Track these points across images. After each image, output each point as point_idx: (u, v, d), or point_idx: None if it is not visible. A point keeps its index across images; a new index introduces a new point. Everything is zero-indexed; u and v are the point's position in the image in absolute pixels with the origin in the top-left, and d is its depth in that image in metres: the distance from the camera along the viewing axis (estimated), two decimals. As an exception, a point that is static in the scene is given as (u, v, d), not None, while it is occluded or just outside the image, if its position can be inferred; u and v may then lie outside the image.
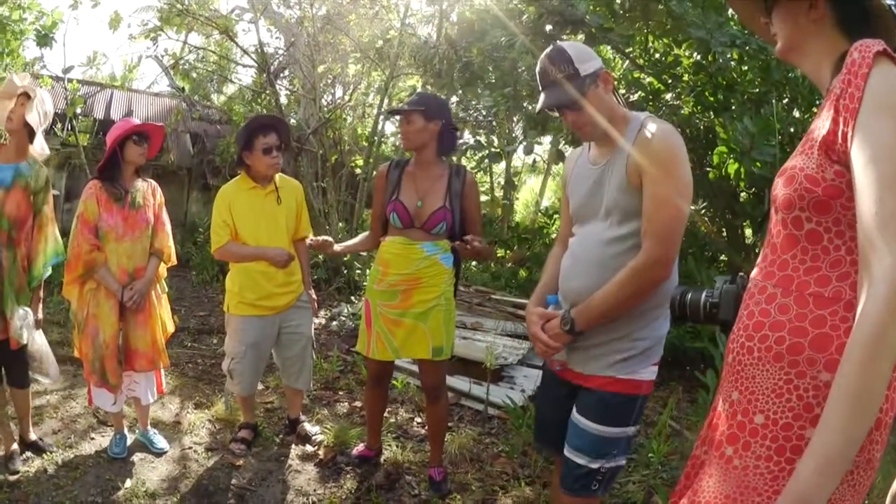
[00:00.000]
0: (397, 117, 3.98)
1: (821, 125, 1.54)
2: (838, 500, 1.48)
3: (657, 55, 7.24)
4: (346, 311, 8.52)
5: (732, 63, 6.23)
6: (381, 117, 11.92)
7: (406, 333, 3.89)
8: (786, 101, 6.42)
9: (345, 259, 10.32)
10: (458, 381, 5.87)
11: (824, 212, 1.51)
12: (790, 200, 1.56)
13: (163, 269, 4.30)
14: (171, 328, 4.41)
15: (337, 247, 4.09)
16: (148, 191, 4.20)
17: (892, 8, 1.65)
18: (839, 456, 1.30)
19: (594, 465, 2.62)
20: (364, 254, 10.24)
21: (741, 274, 1.97)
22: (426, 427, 4.66)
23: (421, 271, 3.82)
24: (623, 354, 2.61)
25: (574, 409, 2.72)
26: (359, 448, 4.49)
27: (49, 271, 4.03)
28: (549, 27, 7.01)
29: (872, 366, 1.28)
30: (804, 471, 1.33)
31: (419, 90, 9.96)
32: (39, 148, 4.02)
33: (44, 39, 10.35)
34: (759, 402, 1.58)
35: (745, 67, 6.33)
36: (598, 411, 2.63)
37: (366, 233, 4.29)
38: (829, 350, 1.48)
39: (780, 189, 1.62)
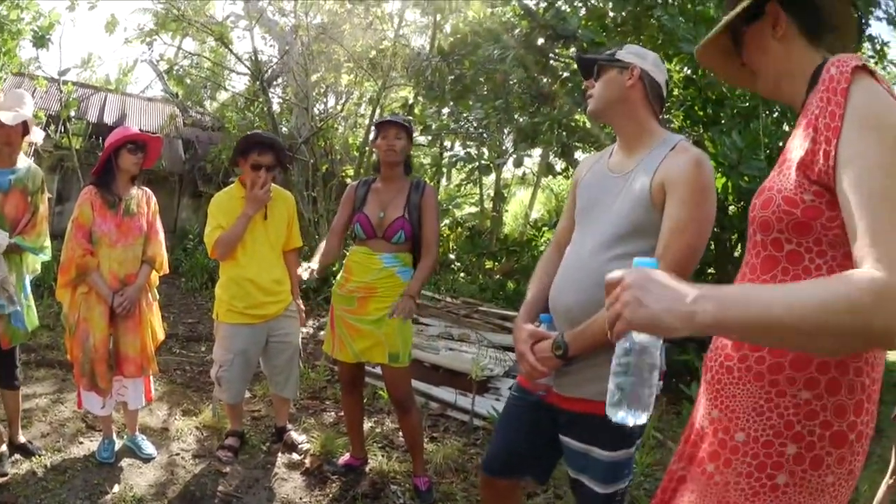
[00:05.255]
0: (376, 132, 4.08)
1: (798, 144, 1.50)
2: None
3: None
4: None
5: (723, 78, 6.27)
6: (373, 127, 11.93)
7: (364, 339, 4.02)
8: (776, 115, 6.47)
9: (333, 269, 10.35)
10: (444, 392, 5.91)
11: (805, 233, 1.46)
12: (768, 222, 1.52)
13: (155, 277, 4.33)
14: (161, 336, 4.43)
15: (315, 265, 4.05)
16: (142, 199, 4.24)
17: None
18: (741, 313, 1.24)
19: (610, 491, 2.49)
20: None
21: None
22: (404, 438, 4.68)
23: (377, 281, 3.97)
24: None
25: (572, 438, 2.53)
26: (345, 457, 4.52)
27: (38, 265, 4.14)
28: (541, 41, 7.08)
29: (816, 313, 1.17)
30: (706, 294, 1.27)
31: (411, 102, 10.01)
32: (36, 137, 4.11)
33: (40, 40, 10.37)
34: (740, 420, 1.55)
35: (735, 83, 6.37)
36: (605, 438, 2.43)
37: (323, 244, 4.29)
38: (808, 369, 1.46)
39: (757, 211, 1.57)
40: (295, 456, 4.62)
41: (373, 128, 4.16)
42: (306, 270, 3.89)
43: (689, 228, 2.23)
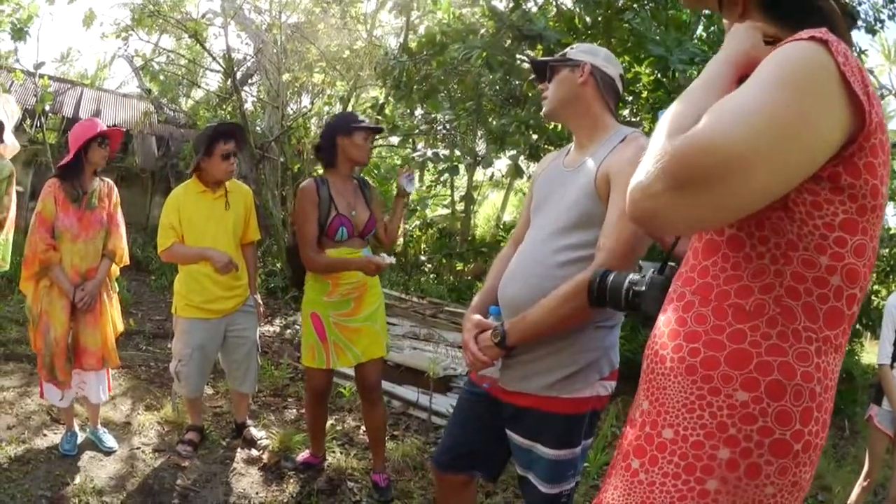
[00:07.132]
0: (358, 132, 4.05)
1: None
2: None
3: (617, 71, 7.39)
4: (300, 320, 8.53)
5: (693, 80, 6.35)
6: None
7: (363, 338, 4.06)
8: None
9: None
10: (406, 391, 5.96)
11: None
12: None
13: (115, 270, 4.34)
14: (120, 328, 4.44)
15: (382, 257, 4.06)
16: (104, 191, 4.25)
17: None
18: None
19: (555, 491, 2.47)
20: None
21: (671, 264, 1.78)
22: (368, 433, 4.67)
23: (366, 277, 4.02)
24: (564, 371, 2.39)
25: (516, 433, 2.54)
26: (304, 454, 4.54)
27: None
28: (507, 42, 7.12)
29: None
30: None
31: (382, 102, 10.04)
32: (10, 144, 4.09)
33: (19, 33, 10.25)
34: (669, 415, 1.44)
35: (704, 85, 6.45)
36: (548, 435, 2.45)
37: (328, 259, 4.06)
38: (747, 368, 1.34)
39: None
40: (254, 451, 4.65)
41: (346, 123, 4.04)
42: (388, 258, 3.98)
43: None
